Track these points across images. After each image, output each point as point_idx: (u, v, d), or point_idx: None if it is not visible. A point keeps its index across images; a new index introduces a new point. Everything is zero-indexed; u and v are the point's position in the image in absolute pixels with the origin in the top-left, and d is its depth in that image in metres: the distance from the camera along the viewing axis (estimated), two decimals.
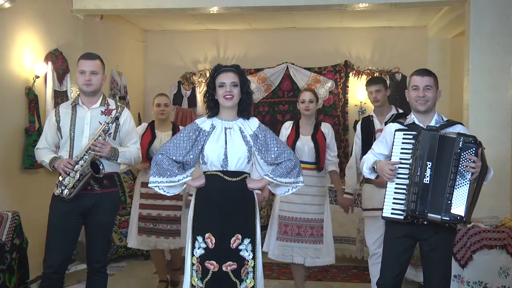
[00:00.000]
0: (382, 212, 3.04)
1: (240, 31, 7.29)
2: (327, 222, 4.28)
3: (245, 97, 3.06)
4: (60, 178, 3.29)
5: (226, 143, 2.99)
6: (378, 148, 3.24)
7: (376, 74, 6.95)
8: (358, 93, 7.05)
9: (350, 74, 7.05)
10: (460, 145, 2.88)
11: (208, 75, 3.23)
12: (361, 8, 5.36)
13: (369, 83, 4.35)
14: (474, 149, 2.87)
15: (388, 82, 6.86)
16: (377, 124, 4.25)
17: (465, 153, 2.87)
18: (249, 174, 3.08)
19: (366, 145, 4.13)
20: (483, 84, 4.82)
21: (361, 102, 7.05)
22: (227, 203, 2.97)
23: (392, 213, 3.00)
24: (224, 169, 2.98)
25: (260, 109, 7.19)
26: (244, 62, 6.93)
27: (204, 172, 3.04)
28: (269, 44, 7.22)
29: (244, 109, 3.07)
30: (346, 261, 5.62)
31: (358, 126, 4.33)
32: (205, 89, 3.16)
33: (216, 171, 2.99)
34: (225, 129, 3.03)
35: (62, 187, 3.26)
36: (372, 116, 4.32)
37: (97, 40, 5.92)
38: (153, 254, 4.70)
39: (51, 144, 3.46)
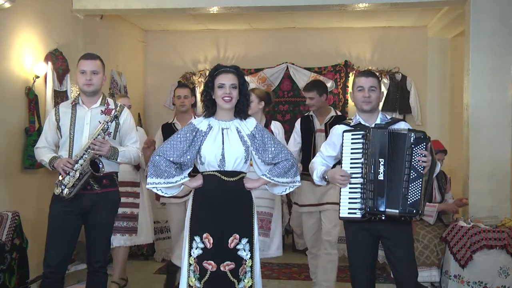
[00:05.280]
0: (339, 213, 3.09)
1: (240, 31, 7.29)
2: (276, 217, 4.35)
3: (242, 98, 3.06)
4: (60, 178, 3.29)
5: (223, 143, 2.99)
6: (327, 150, 3.30)
7: (376, 74, 6.95)
8: None
9: (350, 74, 7.04)
10: (412, 141, 2.96)
11: (207, 75, 3.23)
12: (361, 8, 5.36)
13: (304, 90, 4.51)
14: (424, 144, 2.96)
15: (388, 82, 6.89)
16: (316, 124, 4.40)
17: (417, 148, 2.95)
18: (246, 174, 3.09)
19: (305, 144, 4.34)
20: (483, 84, 4.83)
21: None
22: (225, 203, 2.98)
23: (349, 213, 3.06)
24: (222, 169, 2.98)
25: None
26: (244, 62, 6.95)
27: (202, 173, 3.05)
28: (269, 44, 7.22)
29: (241, 111, 3.08)
30: (346, 261, 5.59)
31: (297, 124, 4.47)
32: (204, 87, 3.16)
33: (213, 171, 3.00)
34: (222, 129, 3.04)
35: (62, 186, 3.26)
36: (311, 116, 4.46)
37: (97, 40, 5.92)
38: (115, 253, 4.68)
39: (51, 143, 3.47)
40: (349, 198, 3.06)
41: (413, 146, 2.95)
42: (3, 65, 4.40)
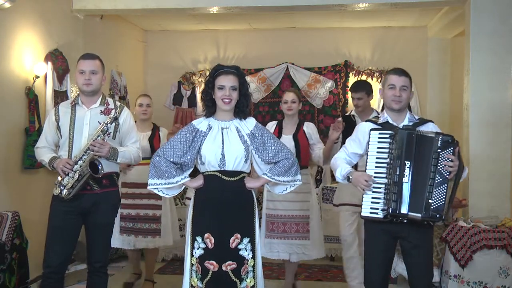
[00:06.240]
0: (361, 212, 3.06)
1: (240, 31, 7.29)
2: (313, 218, 4.31)
3: (242, 99, 3.07)
4: (59, 178, 3.29)
5: (223, 143, 3.00)
6: (351, 147, 3.24)
7: (376, 74, 6.94)
8: None
9: (350, 74, 7.04)
10: (439, 144, 2.92)
11: (208, 75, 3.23)
12: (361, 8, 5.36)
13: (352, 90, 4.43)
14: (452, 148, 2.92)
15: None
16: None
17: (443, 152, 2.91)
18: (247, 173, 3.09)
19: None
20: (483, 84, 4.82)
21: None
22: (226, 203, 2.98)
23: (371, 212, 3.03)
24: (222, 169, 2.99)
25: (260, 109, 7.19)
26: (244, 62, 6.94)
27: (202, 173, 3.05)
28: (269, 44, 7.22)
29: (241, 111, 3.08)
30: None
31: None
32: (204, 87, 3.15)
33: (214, 171, 3.00)
34: (222, 129, 3.05)
35: (61, 187, 3.26)
36: (354, 116, 4.38)
37: (97, 40, 5.92)
38: (129, 251, 4.77)
39: (51, 143, 3.46)
40: (372, 198, 3.01)
41: (439, 150, 2.90)
42: (3, 65, 4.40)
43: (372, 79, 7.03)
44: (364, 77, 6.98)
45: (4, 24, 4.40)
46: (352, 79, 7.05)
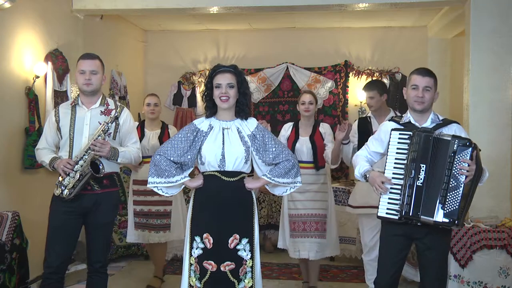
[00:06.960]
0: (378, 212, 3.05)
1: (240, 31, 7.29)
2: (330, 218, 4.37)
3: (241, 98, 3.06)
4: (60, 178, 3.29)
5: (223, 143, 3.00)
6: (373, 146, 3.24)
7: (376, 74, 6.94)
8: (358, 93, 7.04)
9: (350, 74, 7.05)
10: (455, 148, 2.88)
11: (207, 75, 3.24)
12: (361, 8, 5.36)
13: (364, 89, 4.41)
14: (468, 152, 2.87)
15: (388, 82, 6.88)
16: (375, 126, 4.24)
17: (459, 156, 2.87)
18: (247, 174, 3.09)
19: (362, 145, 4.14)
20: (483, 84, 4.82)
21: (361, 102, 7.05)
22: (225, 203, 2.98)
23: (387, 213, 3.02)
24: (222, 169, 2.99)
25: (260, 109, 7.20)
26: (244, 62, 6.95)
27: (202, 173, 3.05)
28: (269, 44, 7.22)
29: (241, 110, 3.08)
30: (346, 261, 5.62)
31: (355, 126, 4.31)
32: (204, 88, 3.16)
33: (213, 171, 3.00)
34: (223, 129, 3.04)
35: (62, 187, 3.26)
36: (370, 117, 4.34)
37: (97, 40, 5.92)
38: (148, 248, 4.85)
39: (51, 144, 3.47)
40: (389, 199, 3.00)
41: (455, 153, 2.87)
42: (3, 65, 4.40)
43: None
44: (364, 77, 6.99)
45: (4, 24, 4.40)
46: (352, 79, 7.06)
